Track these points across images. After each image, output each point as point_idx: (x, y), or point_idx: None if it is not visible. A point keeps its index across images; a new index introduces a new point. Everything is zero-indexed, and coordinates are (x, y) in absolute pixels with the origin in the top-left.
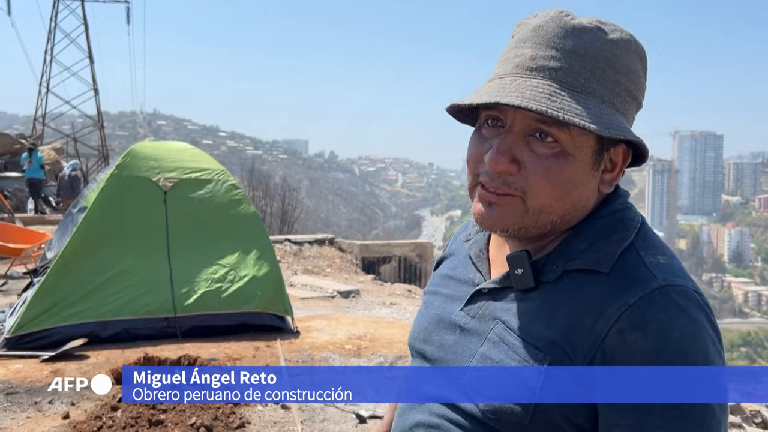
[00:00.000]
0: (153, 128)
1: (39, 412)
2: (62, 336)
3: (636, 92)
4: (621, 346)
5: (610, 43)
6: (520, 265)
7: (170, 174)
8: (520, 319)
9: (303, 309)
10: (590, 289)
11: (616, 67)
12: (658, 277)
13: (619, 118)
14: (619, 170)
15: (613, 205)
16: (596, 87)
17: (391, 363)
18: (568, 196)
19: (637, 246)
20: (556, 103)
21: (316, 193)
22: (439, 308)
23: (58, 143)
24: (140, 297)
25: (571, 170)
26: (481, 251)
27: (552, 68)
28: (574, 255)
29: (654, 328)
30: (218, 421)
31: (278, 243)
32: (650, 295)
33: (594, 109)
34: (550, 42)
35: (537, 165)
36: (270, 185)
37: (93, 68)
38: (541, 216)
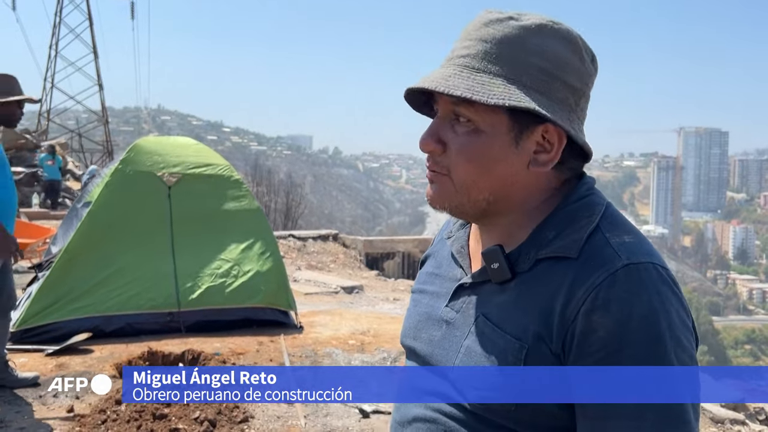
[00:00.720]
0: (157, 123)
1: (43, 405)
2: (67, 330)
3: (556, 72)
4: (587, 326)
5: (519, 28)
6: (495, 259)
7: (174, 169)
8: (499, 311)
9: (306, 304)
10: (561, 275)
11: (525, 48)
12: (622, 256)
13: (520, 92)
14: (556, 151)
15: (577, 193)
16: (500, 67)
17: (395, 358)
18: (489, 172)
19: (603, 228)
20: (449, 82)
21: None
22: (426, 306)
23: (63, 138)
24: (144, 292)
25: (485, 147)
26: (462, 247)
27: (462, 56)
28: (545, 244)
29: (616, 306)
30: (222, 415)
31: (282, 239)
32: (614, 275)
33: (489, 84)
34: (468, 35)
35: (455, 143)
36: (274, 181)
37: (97, 63)
38: (470, 193)
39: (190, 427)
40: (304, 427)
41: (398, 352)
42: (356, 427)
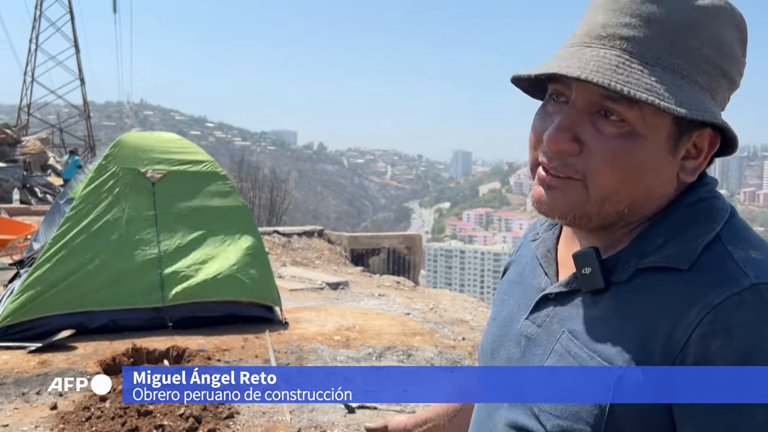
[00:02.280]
0: (140, 119)
1: (27, 402)
2: (50, 327)
3: (727, 68)
4: (703, 354)
5: (697, 10)
6: (587, 263)
7: (158, 165)
8: (588, 327)
9: (292, 300)
10: (668, 290)
11: (702, 38)
12: (749, 274)
13: (701, 96)
14: (705, 157)
15: (696, 195)
16: (676, 60)
17: (380, 354)
18: (637, 182)
19: (725, 239)
20: (622, 76)
21: (305, 185)
22: (505, 319)
23: (44, 133)
24: (129, 288)
25: (641, 154)
26: (549, 251)
27: (624, 37)
28: (650, 251)
29: (742, 333)
30: (207, 411)
31: (267, 235)
32: (740, 295)
33: (670, 84)
34: (625, 7)
35: (601, 146)
36: (258, 177)
37: (79, 57)
38: (605, 204)
39: (175, 423)
40: (290, 423)
41: (383, 348)
42: (342, 422)
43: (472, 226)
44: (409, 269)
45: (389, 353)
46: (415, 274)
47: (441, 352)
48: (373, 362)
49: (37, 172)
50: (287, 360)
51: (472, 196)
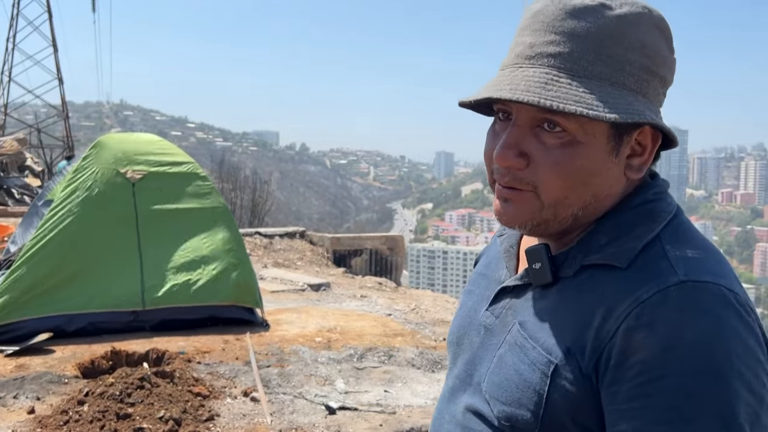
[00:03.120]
0: (120, 119)
1: (3, 407)
2: (27, 330)
3: (655, 67)
4: (627, 346)
5: (617, 19)
6: (537, 259)
7: (138, 167)
8: (534, 319)
9: (273, 302)
10: (605, 286)
11: (624, 44)
12: (678, 272)
13: (630, 99)
14: (649, 154)
15: (642, 197)
16: (602, 69)
17: (361, 355)
18: (584, 186)
19: (664, 239)
20: (551, 92)
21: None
22: (470, 309)
23: (21, 134)
24: (108, 290)
25: (584, 159)
26: (512, 246)
27: (550, 54)
28: (595, 249)
29: (664, 327)
30: (187, 414)
31: (248, 236)
32: (665, 292)
33: (598, 93)
34: (548, 26)
35: (545, 157)
36: (240, 177)
37: (57, 57)
38: (558, 209)
39: (154, 426)
40: (270, 425)
41: (365, 349)
42: (322, 423)
43: (455, 227)
44: (392, 270)
45: (370, 354)
46: (397, 275)
47: (422, 352)
48: (354, 363)
49: (14, 173)
50: (268, 362)
51: (455, 197)
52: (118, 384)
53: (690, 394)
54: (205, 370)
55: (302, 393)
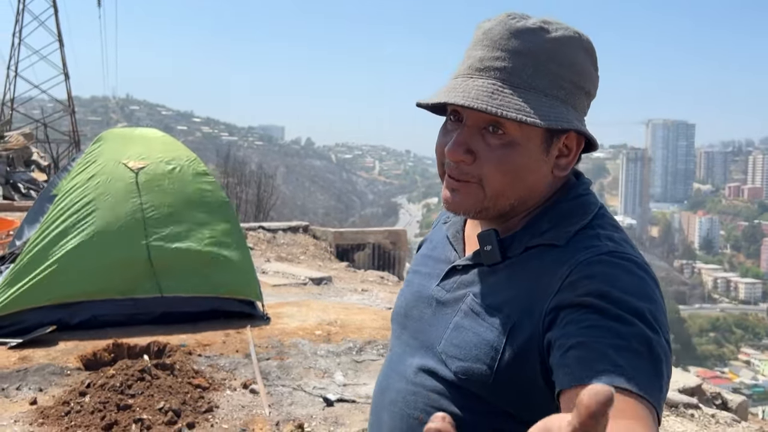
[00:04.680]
0: (126, 113)
1: (6, 398)
2: (30, 323)
3: (582, 83)
4: (570, 292)
5: (552, 41)
6: (488, 242)
7: (141, 161)
8: (488, 291)
9: (274, 296)
10: (549, 259)
11: (558, 61)
12: (609, 245)
13: (561, 108)
14: (574, 155)
15: (575, 191)
16: (539, 82)
17: (360, 348)
18: (521, 181)
19: (594, 224)
20: (497, 101)
21: (293, 180)
22: (418, 285)
23: (28, 128)
24: (110, 281)
25: (521, 158)
26: (458, 232)
27: (497, 68)
28: (537, 234)
29: (601, 277)
30: (186, 405)
31: (252, 230)
32: (599, 256)
33: (534, 102)
34: (496, 44)
35: (489, 155)
36: (245, 172)
37: (63, 52)
38: (498, 199)
39: (154, 417)
40: (269, 416)
41: (364, 342)
42: (320, 415)
43: None
44: (394, 264)
45: (369, 347)
46: (400, 269)
47: None
48: (353, 356)
49: (20, 167)
50: (268, 355)
51: None
52: (119, 376)
53: (624, 323)
54: (205, 362)
55: (301, 385)
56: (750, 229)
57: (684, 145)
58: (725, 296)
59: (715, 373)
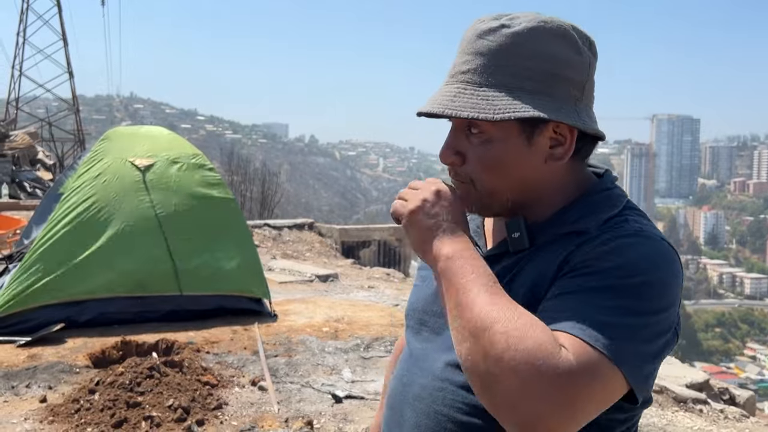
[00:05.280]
0: (130, 112)
1: (16, 396)
2: (39, 321)
3: (556, 70)
4: (588, 258)
5: (512, 35)
6: (517, 228)
7: (148, 158)
8: (513, 278)
9: (281, 293)
10: (577, 242)
11: (521, 54)
12: (635, 227)
13: (526, 98)
14: (570, 143)
15: (603, 185)
16: (500, 78)
17: (368, 345)
18: (506, 175)
19: (624, 213)
20: (456, 103)
21: (297, 178)
22: (434, 281)
23: (33, 127)
24: (116, 279)
25: (501, 153)
26: (478, 227)
27: (463, 71)
28: (566, 224)
29: (613, 244)
30: (196, 402)
31: (257, 228)
32: (625, 236)
33: (493, 98)
34: (465, 48)
35: (473, 154)
36: (249, 170)
37: (67, 50)
38: (494, 196)
39: (164, 414)
40: (278, 413)
41: (371, 339)
42: (329, 411)
43: None
44: (400, 261)
45: (377, 344)
46: (405, 266)
47: None
48: (361, 353)
49: (26, 166)
50: (276, 352)
51: None
52: (128, 373)
53: (635, 288)
54: (213, 359)
55: (309, 382)
56: (755, 224)
57: (689, 140)
58: (731, 291)
59: (721, 368)
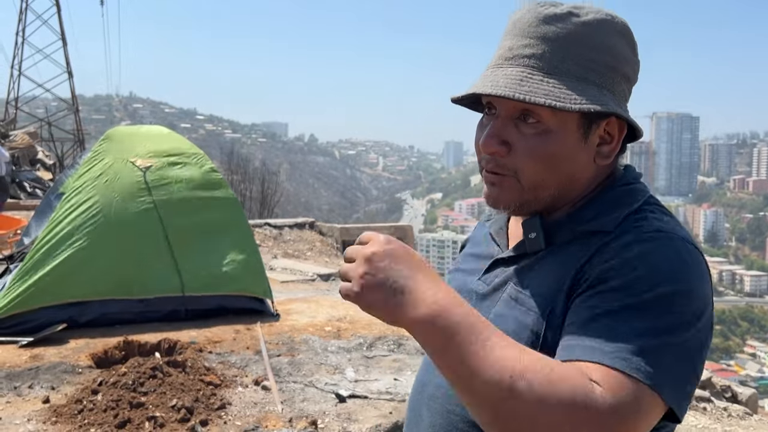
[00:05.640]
0: (129, 111)
1: (19, 396)
2: (41, 321)
3: (617, 66)
4: (610, 269)
5: (582, 25)
6: (533, 229)
7: (147, 158)
8: (529, 278)
9: (283, 292)
10: (594, 243)
11: (589, 45)
12: (655, 225)
13: (593, 91)
14: (617, 142)
15: (624, 179)
16: (569, 67)
17: (371, 344)
18: (558, 170)
19: (644, 209)
20: (525, 87)
21: (296, 177)
22: (459, 281)
23: (32, 127)
24: (118, 279)
25: (557, 146)
26: (501, 228)
27: (526, 55)
28: (584, 221)
29: (636, 250)
30: (199, 402)
31: (258, 227)
32: (645, 236)
33: (565, 87)
34: (525, 32)
35: (524, 145)
36: (249, 169)
37: (66, 50)
38: (537, 191)
39: (167, 415)
40: (281, 413)
41: (374, 338)
42: (333, 411)
43: (464, 216)
44: None
45: (380, 343)
46: None
47: None
48: (364, 352)
49: (26, 166)
50: (278, 351)
51: (464, 187)
52: (130, 373)
53: (664, 302)
54: (216, 359)
55: (312, 381)
56: (755, 221)
57: (688, 138)
58: (731, 289)
59: (721, 366)
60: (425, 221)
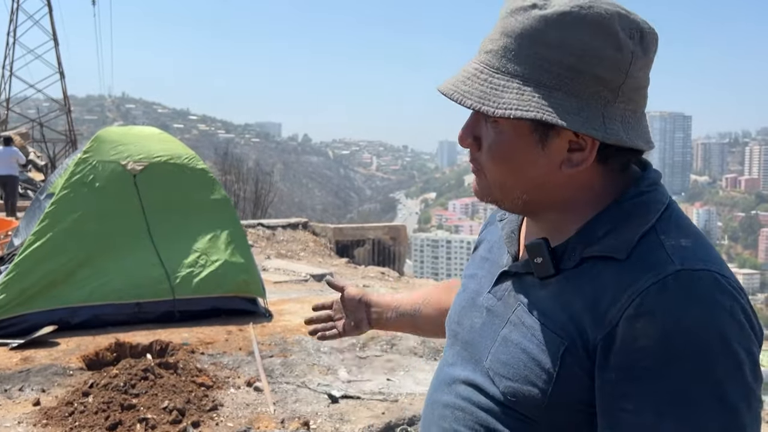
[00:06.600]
0: (122, 112)
1: (9, 399)
2: (32, 323)
3: (582, 66)
4: (629, 333)
5: (539, 19)
6: (539, 254)
7: (139, 159)
8: (540, 303)
9: (276, 293)
10: (607, 276)
11: (545, 42)
12: (675, 261)
13: (533, 96)
14: (590, 151)
15: (638, 188)
16: (517, 66)
17: (364, 344)
18: (519, 174)
19: (659, 229)
20: (465, 86)
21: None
22: (472, 291)
23: (24, 128)
24: (110, 283)
25: (509, 147)
26: (513, 232)
27: (487, 51)
28: (594, 241)
29: (663, 315)
30: (191, 404)
31: (251, 228)
32: (663, 281)
33: (502, 89)
34: (497, 25)
35: (486, 143)
36: (243, 169)
37: (58, 51)
38: (504, 191)
39: (159, 416)
40: (273, 414)
41: (367, 338)
42: (325, 412)
43: (458, 216)
44: (395, 260)
45: (372, 343)
46: (400, 265)
47: (424, 341)
48: (357, 352)
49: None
50: (271, 352)
51: (458, 186)
52: (122, 375)
53: (690, 379)
54: (208, 360)
55: (305, 382)
56: (747, 219)
57: (681, 136)
58: None
59: None
60: (419, 221)
